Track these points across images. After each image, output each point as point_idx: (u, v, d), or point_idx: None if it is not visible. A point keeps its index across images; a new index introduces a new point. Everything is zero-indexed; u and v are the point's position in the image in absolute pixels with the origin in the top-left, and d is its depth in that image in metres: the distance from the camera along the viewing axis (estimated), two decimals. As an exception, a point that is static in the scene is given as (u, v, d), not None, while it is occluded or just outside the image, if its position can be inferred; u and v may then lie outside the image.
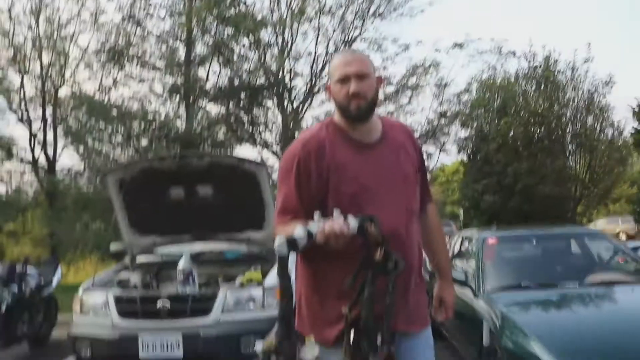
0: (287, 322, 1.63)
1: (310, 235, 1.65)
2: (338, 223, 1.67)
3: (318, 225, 1.67)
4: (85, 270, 12.55)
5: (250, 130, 15.94)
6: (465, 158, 18.24)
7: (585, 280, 4.50)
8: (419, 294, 2.13)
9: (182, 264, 4.56)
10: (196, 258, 4.93)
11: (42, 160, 14.88)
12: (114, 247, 5.62)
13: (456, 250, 6.06)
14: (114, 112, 13.36)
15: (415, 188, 2.12)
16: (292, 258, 1.77)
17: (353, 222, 1.70)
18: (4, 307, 5.55)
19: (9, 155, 14.30)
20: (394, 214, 1.96)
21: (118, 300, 4.33)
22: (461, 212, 17.24)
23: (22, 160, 14.87)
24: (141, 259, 5.36)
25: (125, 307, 4.30)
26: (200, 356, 4.07)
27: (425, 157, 2.43)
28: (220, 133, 15.24)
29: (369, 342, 1.74)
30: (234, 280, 4.64)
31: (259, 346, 1.60)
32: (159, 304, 4.18)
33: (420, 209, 2.16)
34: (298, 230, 1.65)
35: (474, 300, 4.46)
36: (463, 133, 17.25)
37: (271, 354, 1.58)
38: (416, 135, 2.50)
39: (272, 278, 4.38)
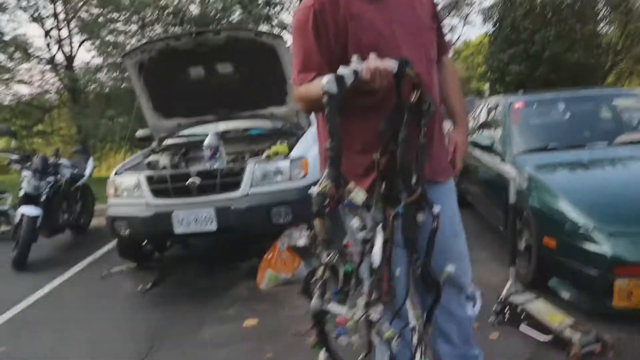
0: (337, 163, 1.63)
1: (356, 72, 1.62)
2: (379, 60, 1.66)
3: (359, 65, 1.64)
4: (116, 164, 12.88)
5: (267, 11, 15.39)
6: (490, 29, 17.48)
7: (614, 140, 4.46)
8: (442, 144, 2.15)
9: (208, 141, 4.59)
10: (222, 137, 4.96)
11: (59, 58, 14.79)
12: (140, 133, 5.71)
13: (482, 117, 5.99)
14: (126, 1, 12.91)
15: (433, 37, 2.09)
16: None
17: (392, 62, 1.69)
18: (43, 198, 5.78)
19: (27, 55, 14.17)
20: (416, 62, 1.91)
21: (150, 181, 4.43)
22: (487, 86, 16.77)
23: (40, 60, 14.77)
24: (168, 142, 5.44)
25: (157, 187, 4.41)
26: (232, 228, 4.21)
27: (447, 29, 2.33)
28: (236, 15, 14.74)
29: (404, 182, 1.76)
30: (260, 155, 4.69)
31: (314, 189, 1.58)
32: (189, 181, 4.27)
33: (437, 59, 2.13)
34: (342, 69, 1.63)
35: (501, 164, 4.47)
36: (488, 2, 16.40)
37: (326, 195, 1.58)
38: (438, 8, 2.35)
39: (298, 150, 4.42)
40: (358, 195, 1.65)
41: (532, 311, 3.08)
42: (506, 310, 3.22)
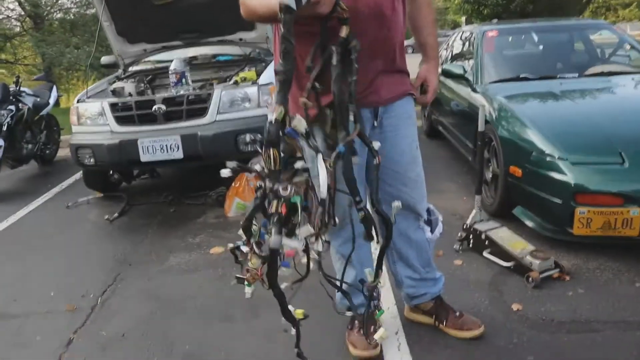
0: (287, 88, 1.54)
1: None
2: None
3: None
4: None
5: None
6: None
7: (585, 71, 4.45)
8: (401, 70, 2.10)
9: (173, 66, 4.45)
10: (189, 63, 4.80)
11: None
12: (105, 59, 5.50)
13: (455, 47, 5.91)
14: None
15: None
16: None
17: None
18: (4, 127, 5.59)
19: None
20: None
21: (114, 108, 4.30)
22: (463, 18, 16.52)
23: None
24: (133, 68, 5.26)
25: (122, 114, 4.29)
26: (199, 156, 4.14)
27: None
28: None
29: (341, 120, 1.70)
30: (228, 81, 4.56)
31: (270, 116, 1.49)
32: (155, 107, 4.16)
33: None
34: None
35: (472, 93, 4.44)
36: None
37: (280, 122, 1.50)
38: None
39: (266, 76, 4.30)
40: (301, 122, 1.59)
41: (495, 238, 3.13)
42: (470, 237, 3.28)
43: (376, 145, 1.77)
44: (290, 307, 1.63)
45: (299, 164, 1.61)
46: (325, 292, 1.93)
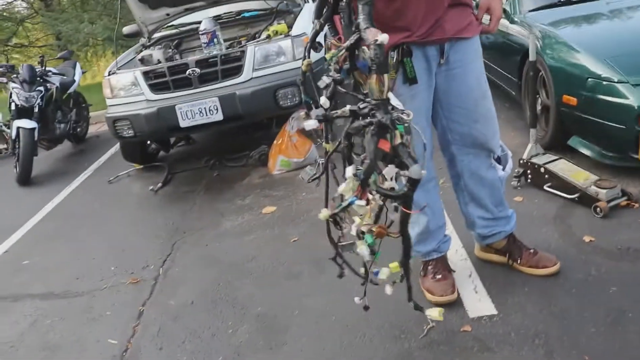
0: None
1: None
2: None
3: None
4: (102, 71, 12.45)
5: None
6: None
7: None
8: (464, 2, 1.99)
9: (203, 25, 4.33)
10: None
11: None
12: (127, 29, 5.38)
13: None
14: None
15: None
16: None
17: None
18: (36, 109, 5.57)
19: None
20: None
21: (147, 76, 4.24)
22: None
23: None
24: (158, 34, 5.15)
25: (156, 82, 4.22)
26: (239, 115, 4.08)
27: None
28: None
29: None
30: (257, 37, 4.44)
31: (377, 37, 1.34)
32: (189, 71, 4.07)
33: None
34: None
35: (510, 25, 4.24)
36: None
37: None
38: None
39: (298, 27, 4.17)
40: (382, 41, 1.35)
41: (555, 171, 3.03)
42: (528, 172, 3.18)
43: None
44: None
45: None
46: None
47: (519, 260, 2.35)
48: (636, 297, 2.08)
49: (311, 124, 1.42)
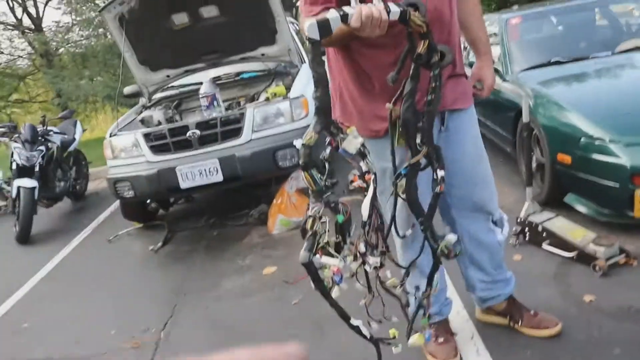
0: (325, 112, 1.55)
1: (345, 18, 1.47)
2: (377, 7, 1.48)
3: (354, 9, 1.48)
4: (100, 126, 12.63)
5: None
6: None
7: (616, 48, 4.35)
8: (461, 73, 2.09)
9: (203, 89, 4.44)
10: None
11: (26, 21, 14.21)
12: (128, 89, 5.50)
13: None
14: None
15: None
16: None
17: (394, 7, 1.50)
18: (37, 168, 5.63)
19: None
20: None
21: (148, 138, 4.31)
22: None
23: (5, 26, 14.20)
24: (158, 95, 5.26)
25: (156, 143, 4.29)
26: (239, 176, 4.13)
27: None
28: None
29: (407, 140, 1.66)
30: (256, 99, 4.55)
31: (298, 142, 1.52)
32: (189, 133, 4.15)
33: None
34: (331, 12, 1.48)
35: (502, 83, 4.36)
36: None
37: (311, 147, 1.51)
38: None
39: (297, 89, 4.28)
40: (351, 143, 1.59)
41: (553, 229, 3.07)
42: (526, 230, 3.21)
43: (441, 173, 1.73)
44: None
45: (356, 183, 1.69)
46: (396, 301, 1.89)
47: (520, 322, 2.37)
48: (640, 360, 2.09)
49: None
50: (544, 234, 3.10)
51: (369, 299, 1.69)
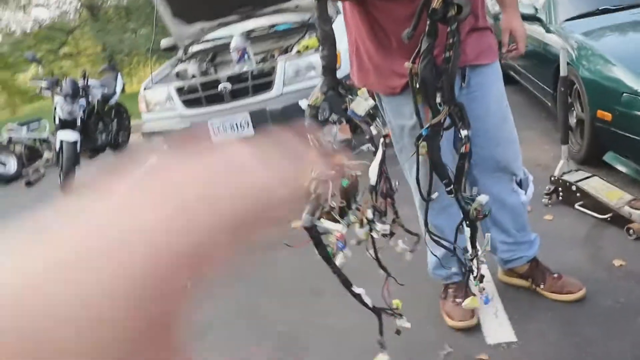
0: (332, 72, 1.49)
1: None
2: None
3: None
4: (146, 77, 12.71)
5: None
6: None
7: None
8: (484, 26, 1.97)
9: (234, 43, 4.41)
10: (248, 36, 4.74)
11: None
12: (164, 43, 5.51)
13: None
14: None
15: None
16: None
17: None
18: (79, 122, 5.78)
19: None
20: None
21: (180, 92, 4.33)
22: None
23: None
24: (193, 48, 5.26)
25: (189, 97, 4.31)
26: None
27: None
28: None
29: (427, 100, 1.58)
30: (290, 51, 4.48)
31: (303, 103, 1.48)
32: (220, 87, 4.15)
33: None
34: None
35: (546, 33, 4.15)
36: None
37: (318, 108, 1.46)
38: None
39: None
40: (360, 104, 1.53)
41: (587, 189, 2.94)
42: (559, 190, 3.10)
43: (464, 132, 1.65)
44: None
45: (364, 147, 1.57)
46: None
47: (542, 285, 2.31)
48: (666, 328, 2.01)
49: None
50: (578, 194, 2.98)
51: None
